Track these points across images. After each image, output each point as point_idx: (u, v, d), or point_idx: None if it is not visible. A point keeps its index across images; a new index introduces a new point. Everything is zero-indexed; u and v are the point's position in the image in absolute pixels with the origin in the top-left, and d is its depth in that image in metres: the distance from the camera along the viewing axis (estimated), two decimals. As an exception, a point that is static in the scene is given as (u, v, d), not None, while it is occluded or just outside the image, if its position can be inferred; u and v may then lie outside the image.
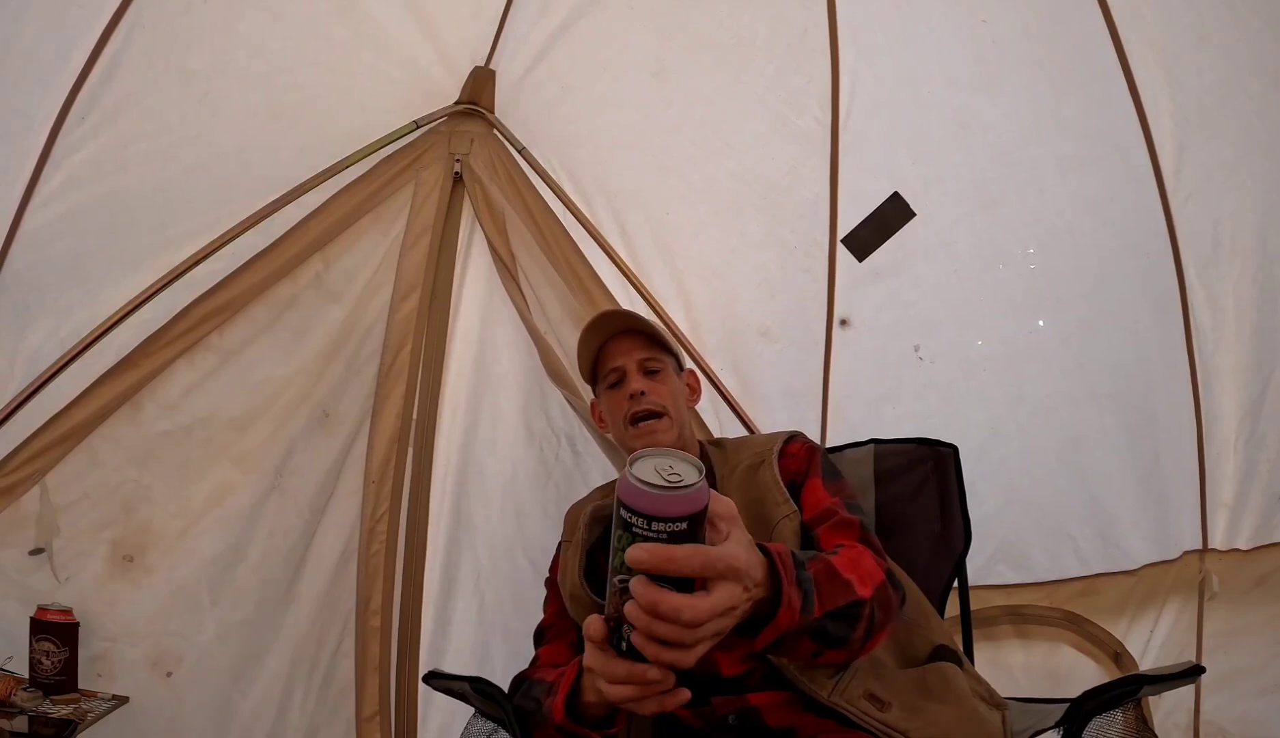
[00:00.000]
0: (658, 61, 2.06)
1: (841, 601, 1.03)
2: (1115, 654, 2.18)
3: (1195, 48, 2.00)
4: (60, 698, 1.77)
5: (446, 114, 2.05)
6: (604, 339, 1.56)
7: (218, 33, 1.85)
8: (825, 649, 1.01)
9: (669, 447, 1.49)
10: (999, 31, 2.01)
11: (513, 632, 2.08)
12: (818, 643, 1.00)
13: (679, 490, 0.71)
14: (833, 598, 1.01)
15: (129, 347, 1.88)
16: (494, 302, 2.13)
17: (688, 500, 0.72)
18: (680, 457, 0.75)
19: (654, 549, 0.72)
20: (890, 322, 2.16)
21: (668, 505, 0.71)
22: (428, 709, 2.13)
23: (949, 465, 1.74)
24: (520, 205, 2.06)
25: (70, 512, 1.89)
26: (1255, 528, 2.20)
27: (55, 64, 1.76)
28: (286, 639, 2.02)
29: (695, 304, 2.14)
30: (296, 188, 1.94)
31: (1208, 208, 2.09)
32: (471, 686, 1.36)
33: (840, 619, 1.02)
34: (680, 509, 0.72)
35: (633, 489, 0.72)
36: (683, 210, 2.13)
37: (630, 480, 0.72)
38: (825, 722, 1.22)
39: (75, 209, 1.84)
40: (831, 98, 2.07)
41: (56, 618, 1.80)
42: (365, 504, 2.05)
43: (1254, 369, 2.15)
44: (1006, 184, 2.10)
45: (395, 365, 2.05)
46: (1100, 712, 1.20)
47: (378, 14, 1.91)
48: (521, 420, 2.14)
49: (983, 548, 2.01)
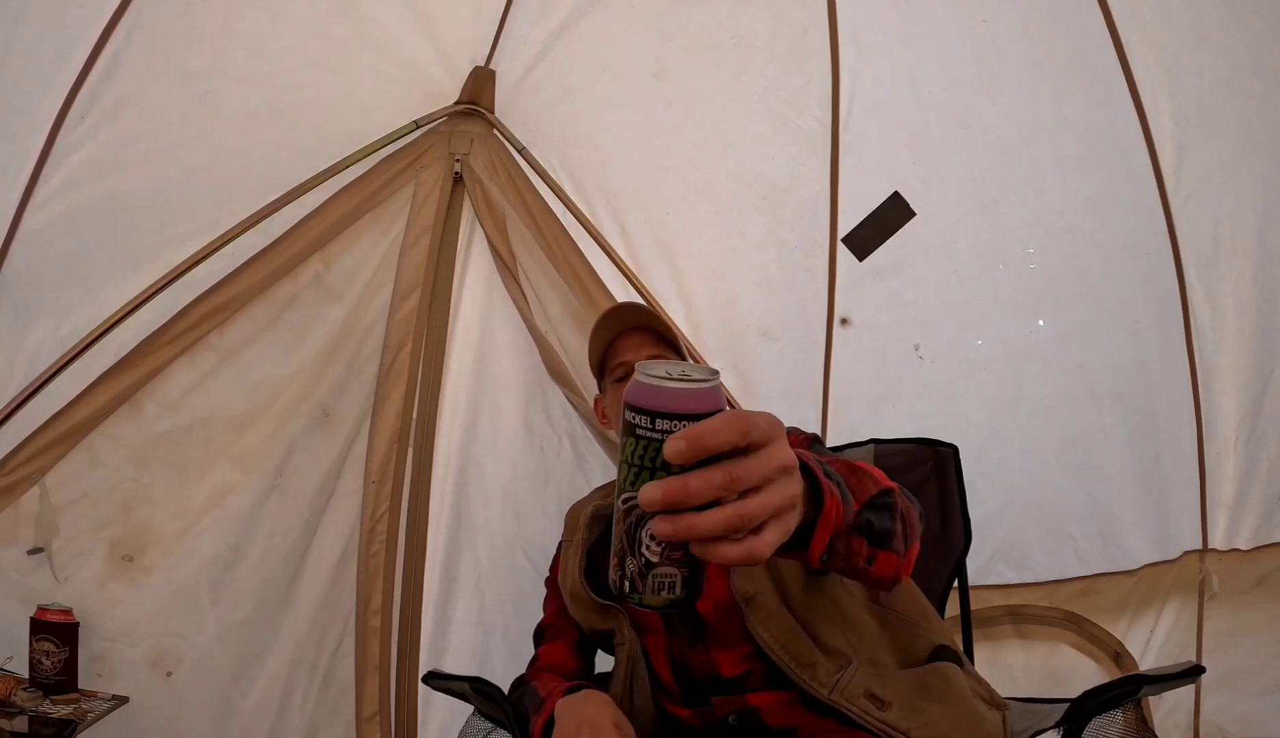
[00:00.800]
0: (658, 61, 2.06)
1: (873, 490, 0.98)
2: (1115, 654, 2.18)
3: (1195, 48, 2.00)
4: (60, 698, 1.77)
5: (446, 114, 2.05)
6: (615, 334, 1.56)
7: (218, 33, 1.85)
8: (876, 551, 0.95)
9: None
10: (999, 31, 2.01)
11: (513, 632, 2.08)
12: (869, 543, 0.93)
13: (694, 383, 0.61)
14: (864, 489, 0.96)
15: (129, 346, 1.88)
16: (494, 302, 2.13)
17: (703, 396, 0.61)
18: (694, 364, 0.65)
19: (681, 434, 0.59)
20: (890, 321, 2.16)
21: (682, 401, 0.60)
22: (428, 709, 2.13)
23: (949, 465, 1.74)
24: (520, 205, 2.06)
25: (70, 511, 1.89)
26: (1255, 528, 2.19)
27: (55, 64, 1.76)
28: (286, 639, 2.03)
29: (695, 304, 2.14)
30: (296, 188, 1.94)
31: (1208, 208, 2.09)
32: (471, 686, 1.36)
33: (880, 510, 0.96)
34: (695, 405, 0.61)
35: (641, 387, 0.62)
36: (683, 210, 2.13)
37: (638, 379, 0.62)
38: (825, 722, 1.22)
39: (75, 209, 1.84)
40: (832, 98, 2.08)
41: (56, 618, 1.80)
42: (365, 504, 2.05)
43: (1254, 369, 2.15)
44: (1006, 184, 2.10)
45: (395, 365, 2.05)
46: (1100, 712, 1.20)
47: (378, 14, 1.91)
48: (522, 420, 2.14)
49: (983, 548, 2.01)
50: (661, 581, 0.64)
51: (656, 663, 1.39)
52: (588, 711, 1.22)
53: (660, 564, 0.64)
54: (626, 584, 0.65)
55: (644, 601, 0.65)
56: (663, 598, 0.65)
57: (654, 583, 0.64)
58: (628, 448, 0.62)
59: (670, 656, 1.38)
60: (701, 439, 0.59)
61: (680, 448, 0.59)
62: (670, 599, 0.65)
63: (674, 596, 0.65)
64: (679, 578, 0.64)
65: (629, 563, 0.64)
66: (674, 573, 0.64)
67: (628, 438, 0.62)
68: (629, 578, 0.65)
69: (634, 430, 0.61)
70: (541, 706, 1.29)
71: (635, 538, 0.63)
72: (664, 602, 0.65)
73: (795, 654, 1.24)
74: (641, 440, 0.61)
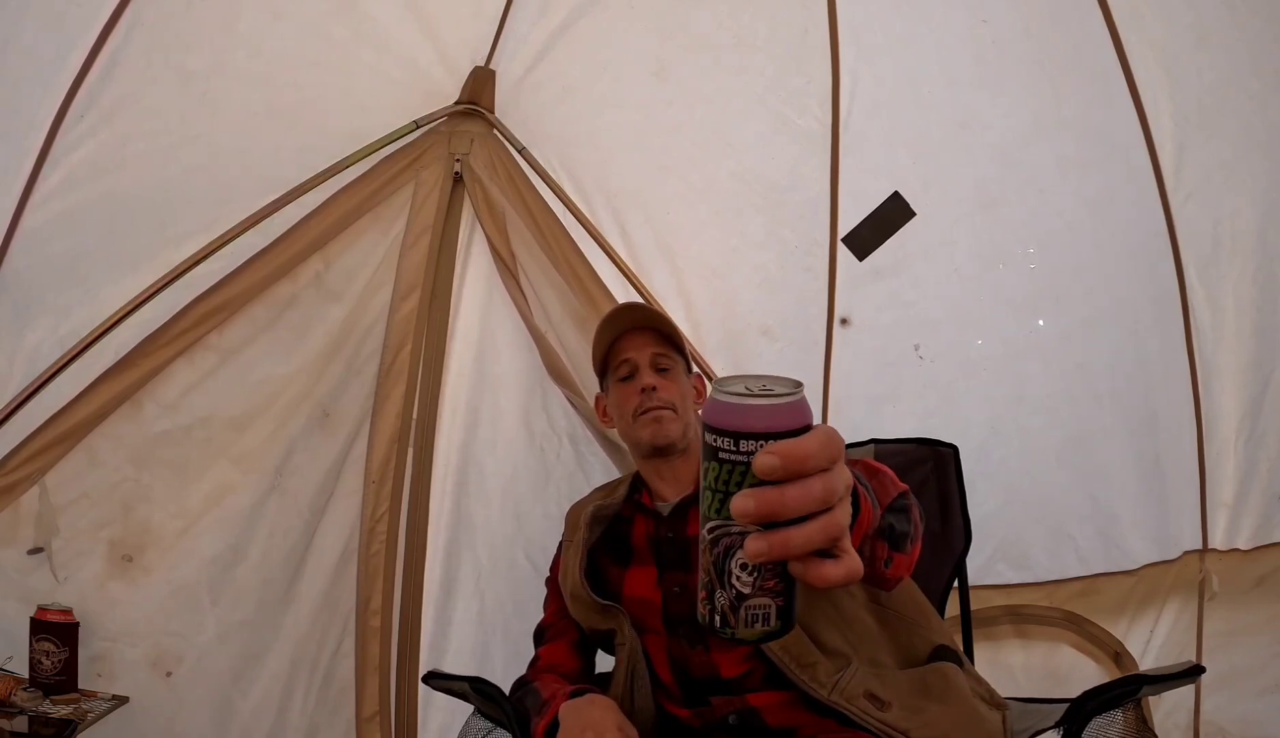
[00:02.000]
0: (658, 61, 2.06)
1: (893, 492, 0.97)
2: (1115, 654, 2.18)
3: (1195, 48, 2.00)
4: (60, 698, 1.77)
5: (446, 114, 2.05)
6: (619, 333, 1.56)
7: (217, 32, 1.85)
8: (893, 553, 0.95)
9: (674, 439, 1.49)
10: (999, 31, 2.01)
11: (513, 632, 2.07)
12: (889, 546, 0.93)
13: (782, 398, 0.57)
14: (885, 492, 0.95)
15: (129, 346, 1.88)
16: (494, 302, 2.13)
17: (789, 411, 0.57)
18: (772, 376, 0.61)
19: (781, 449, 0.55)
20: (890, 321, 2.16)
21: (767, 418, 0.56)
22: (428, 709, 2.13)
23: (949, 465, 1.74)
24: (520, 205, 2.06)
25: (69, 511, 1.89)
26: (1255, 528, 2.19)
27: (54, 63, 1.76)
28: (286, 639, 2.02)
29: (696, 304, 2.14)
30: (296, 188, 1.94)
31: (1208, 208, 2.09)
32: (471, 686, 1.36)
33: (899, 512, 0.97)
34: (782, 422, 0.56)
35: (720, 406, 0.57)
36: (683, 210, 2.13)
37: (718, 398, 0.58)
38: (825, 722, 1.22)
39: (74, 208, 1.84)
40: (832, 98, 2.07)
41: (56, 618, 1.80)
42: (365, 504, 2.05)
43: (1254, 368, 2.15)
44: (1006, 184, 2.10)
45: (395, 365, 2.05)
46: (1100, 712, 1.20)
47: (378, 14, 1.91)
48: (522, 420, 2.14)
49: (983, 548, 2.01)
50: (755, 613, 0.59)
51: (657, 663, 1.39)
52: (592, 714, 1.22)
53: (753, 595, 0.59)
54: (717, 619, 0.60)
55: (736, 635, 0.60)
56: (757, 631, 0.60)
57: (747, 615, 0.59)
58: (710, 473, 0.57)
59: (671, 656, 1.38)
60: (802, 460, 0.55)
61: (774, 464, 0.54)
62: (764, 632, 0.60)
63: (768, 628, 0.60)
64: (773, 609, 0.59)
65: (719, 596, 0.59)
66: (768, 604, 0.59)
67: (709, 462, 0.57)
68: (719, 612, 0.60)
69: (715, 454, 0.57)
70: (544, 707, 1.29)
71: (724, 569, 0.58)
72: (758, 635, 0.60)
73: (795, 655, 1.24)
74: (725, 464, 0.56)
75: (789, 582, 0.59)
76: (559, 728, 1.22)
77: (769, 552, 0.56)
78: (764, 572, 0.58)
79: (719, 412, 0.57)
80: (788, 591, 0.60)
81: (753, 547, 0.56)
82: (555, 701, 1.28)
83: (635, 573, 1.45)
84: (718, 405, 0.57)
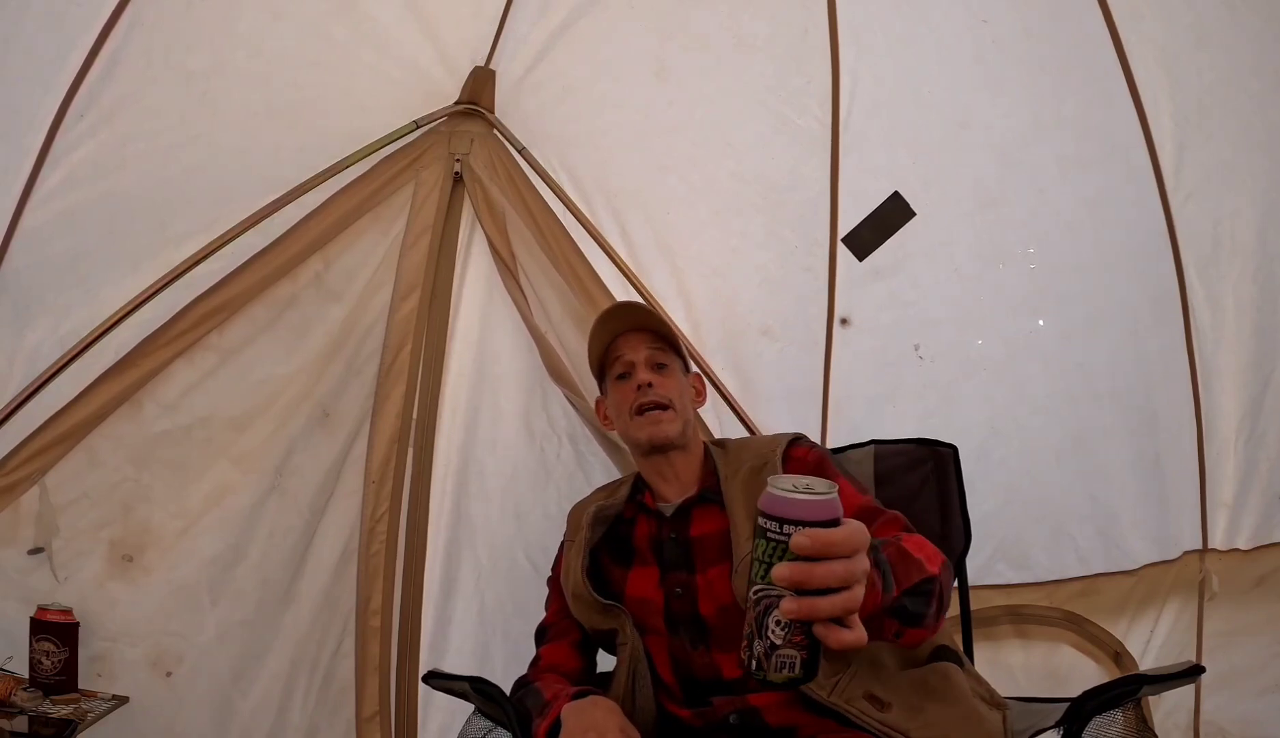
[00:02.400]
0: (658, 61, 2.06)
1: (916, 578, 1.07)
2: (1115, 654, 2.18)
3: (1195, 47, 2.00)
4: (60, 698, 1.77)
5: (446, 114, 2.05)
6: (615, 333, 1.56)
7: (217, 32, 1.85)
8: (905, 628, 1.05)
9: (673, 437, 1.49)
10: (999, 31, 2.01)
11: (513, 632, 2.07)
12: (899, 622, 1.04)
13: (819, 495, 0.75)
14: (908, 576, 1.06)
15: (129, 346, 1.88)
16: (494, 302, 2.13)
17: (823, 506, 0.75)
18: (815, 478, 0.79)
19: (813, 534, 0.73)
20: (890, 321, 2.16)
21: (806, 510, 0.74)
22: (428, 709, 2.13)
23: (949, 465, 1.74)
24: (520, 205, 2.06)
25: (69, 511, 1.89)
26: (1255, 528, 2.19)
27: (54, 62, 1.76)
28: (286, 639, 2.02)
29: (695, 304, 2.14)
30: (296, 188, 1.94)
31: (1208, 207, 2.09)
32: (471, 685, 1.36)
33: (917, 596, 1.06)
34: (816, 514, 0.74)
35: (771, 498, 0.75)
36: (683, 210, 2.13)
37: (771, 492, 0.75)
38: (825, 722, 1.22)
39: (74, 208, 1.84)
40: (832, 98, 2.07)
41: (56, 618, 1.80)
42: (365, 504, 2.05)
43: (1254, 368, 2.15)
44: (1006, 184, 2.10)
45: (395, 365, 2.05)
46: (1100, 712, 1.20)
47: (378, 14, 1.91)
48: (522, 420, 2.14)
49: (983, 548, 2.01)
50: (783, 660, 0.75)
51: (658, 663, 1.39)
52: (595, 716, 1.23)
53: (783, 647, 0.75)
54: (754, 663, 0.76)
55: (767, 678, 0.76)
56: (784, 676, 0.76)
57: (777, 662, 0.75)
58: (759, 548, 0.75)
59: (673, 656, 1.38)
60: (829, 545, 0.74)
61: (806, 544, 0.73)
62: (790, 677, 0.76)
63: (793, 675, 0.76)
64: (799, 659, 0.76)
65: (756, 645, 0.76)
66: (794, 655, 0.75)
67: (759, 539, 0.75)
68: (756, 657, 0.76)
69: (765, 533, 0.74)
70: (546, 708, 1.29)
71: (763, 624, 0.75)
72: (784, 680, 0.76)
73: (795, 656, 1.24)
74: (771, 542, 0.74)
75: (813, 640, 0.76)
76: (561, 729, 1.22)
77: (798, 611, 0.73)
78: (793, 629, 0.75)
79: (771, 502, 0.75)
80: (811, 647, 0.76)
81: (788, 605, 0.74)
82: (557, 701, 1.28)
83: (638, 574, 1.45)
84: (771, 497, 0.75)
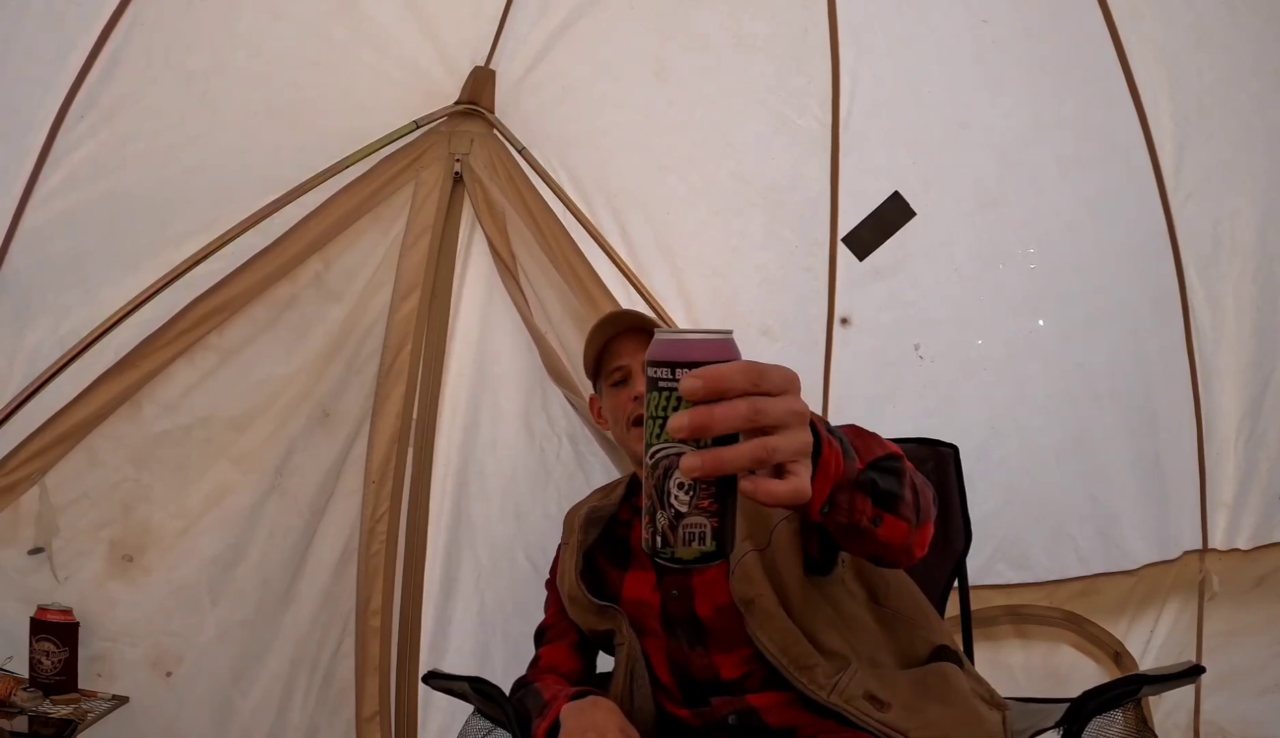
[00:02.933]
0: (658, 61, 2.06)
1: (879, 451, 0.98)
2: (1115, 654, 2.18)
3: (1195, 47, 2.00)
4: (60, 698, 1.77)
5: (446, 114, 2.05)
6: (610, 336, 1.56)
7: (217, 32, 1.85)
8: (883, 512, 0.93)
9: None
10: (999, 31, 2.01)
11: (513, 632, 2.08)
12: (875, 503, 0.92)
13: (713, 335, 0.64)
14: (869, 450, 0.96)
15: (129, 346, 1.88)
16: (494, 302, 2.13)
17: (718, 346, 0.64)
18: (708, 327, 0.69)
19: (703, 370, 0.61)
20: (890, 321, 2.16)
21: (698, 350, 0.63)
22: (428, 709, 2.13)
23: (949, 465, 1.74)
24: (520, 205, 2.06)
25: (69, 511, 1.89)
26: (1255, 528, 2.19)
27: (55, 63, 1.76)
28: (286, 639, 2.02)
29: (695, 304, 2.14)
30: (296, 188, 1.94)
31: (1208, 207, 2.09)
32: (471, 686, 1.36)
33: (885, 472, 0.95)
34: (711, 354, 0.63)
35: (660, 343, 0.64)
36: (683, 210, 2.13)
37: (657, 337, 0.65)
38: (825, 722, 1.22)
39: (75, 208, 1.84)
40: (832, 98, 2.07)
41: (56, 618, 1.80)
42: (365, 504, 2.05)
43: (1254, 368, 2.15)
44: (1006, 184, 2.10)
45: (395, 365, 2.05)
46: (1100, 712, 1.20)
47: (378, 14, 1.91)
48: (522, 420, 2.14)
49: (983, 548, 2.01)
50: (691, 532, 0.64)
51: (656, 664, 1.39)
52: (595, 716, 1.23)
53: (690, 514, 0.63)
54: (658, 540, 0.64)
55: (675, 555, 0.64)
56: (694, 550, 0.64)
57: (684, 534, 0.64)
58: (651, 403, 0.63)
59: (670, 658, 1.38)
60: (718, 378, 0.60)
61: (696, 386, 0.60)
62: (701, 552, 0.64)
63: (704, 547, 0.64)
64: (708, 528, 0.64)
65: (659, 517, 0.64)
66: (704, 523, 0.64)
67: (650, 393, 0.63)
68: (660, 532, 0.64)
69: (656, 385, 0.63)
70: (546, 709, 1.30)
71: (664, 490, 0.63)
72: (695, 554, 0.64)
73: (793, 657, 1.24)
74: (663, 392, 0.62)
75: (724, 503, 0.64)
76: (561, 729, 1.22)
77: (702, 467, 0.60)
78: (699, 491, 0.63)
79: (657, 347, 0.64)
80: (723, 512, 0.64)
81: (687, 462, 0.60)
82: (557, 702, 1.29)
83: (634, 576, 1.45)
84: (657, 342, 0.64)
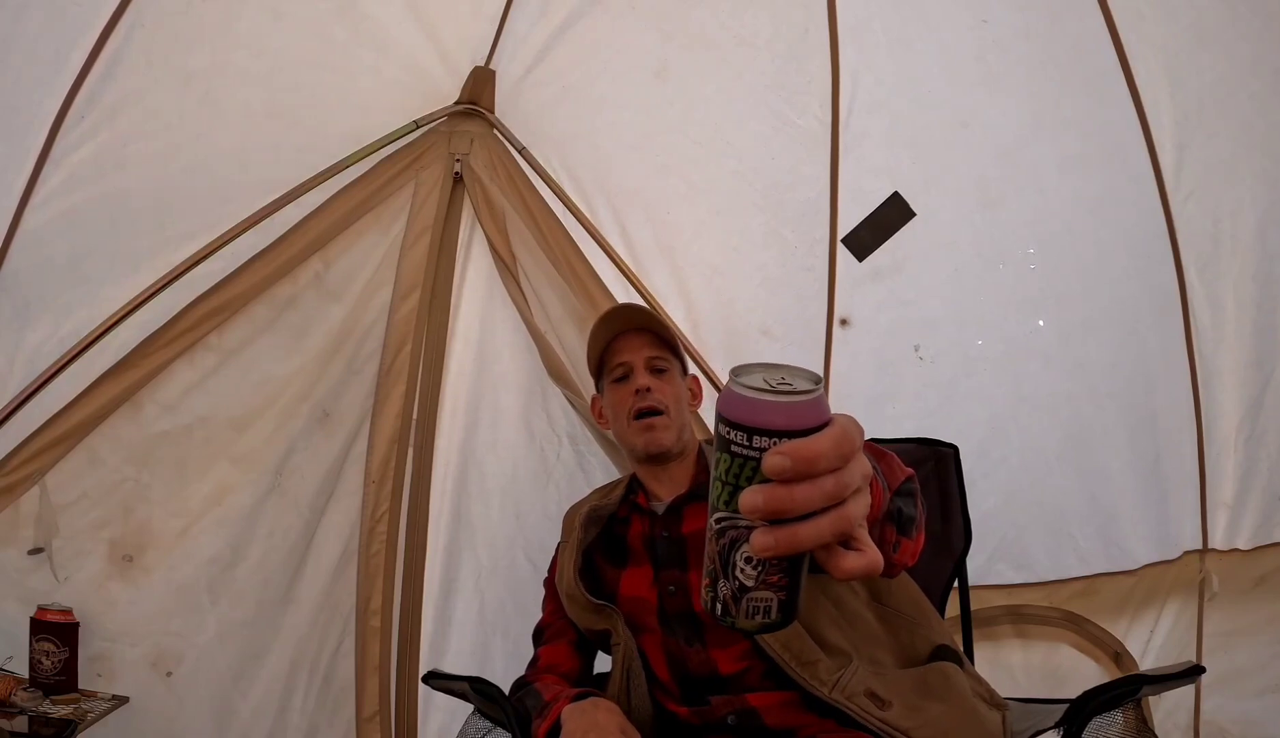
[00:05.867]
0: (659, 61, 2.06)
1: (900, 476, 0.95)
2: (1115, 654, 2.18)
3: (1196, 47, 2.00)
4: (60, 698, 1.77)
5: (446, 114, 2.05)
6: (614, 334, 1.56)
7: (217, 32, 1.85)
8: (901, 538, 0.92)
9: (668, 447, 1.49)
10: (999, 31, 2.01)
11: (513, 632, 2.08)
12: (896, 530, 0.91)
13: (801, 395, 0.55)
14: (893, 475, 0.93)
15: (129, 346, 1.88)
16: (494, 302, 2.13)
17: (805, 409, 0.55)
18: (792, 368, 0.59)
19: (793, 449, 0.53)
20: (890, 321, 2.16)
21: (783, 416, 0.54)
22: (428, 709, 2.13)
23: (949, 465, 1.74)
24: (520, 205, 2.06)
25: (69, 511, 1.89)
26: (1255, 528, 2.19)
27: (55, 63, 1.76)
28: (286, 639, 2.03)
29: (696, 303, 2.14)
30: (296, 188, 1.94)
31: (1208, 207, 2.09)
32: (471, 686, 1.36)
33: (907, 497, 0.95)
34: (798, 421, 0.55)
35: (737, 400, 0.55)
36: (683, 210, 2.13)
37: (735, 391, 0.56)
38: (825, 722, 1.22)
39: (75, 208, 1.84)
40: (832, 97, 2.07)
41: (56, 618, 1.80)
42: (365, 504, 2.05)
43: (1254, 368, 2.15)
44: (1006, 184, 2.10)
45: (395, 365, 2.05)
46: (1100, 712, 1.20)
47: (378, 14, 1.91)
48: (522, 420, 2.14)
49: (983, 548, 2.01)
50: (756, 605, 0.59)
51: (654, 662, 1.39)
52: (596, 717, 1.23)
53: (756, 589, 0.58)
54: (719, 607, 0.60)
55: (736, 624, 0.60)
56: (756, 622, 0.60)
57: (749, 608, 0.59)
58: (721, 465, 0.56)
59: (668, 654, 1.38)
60: (809, 462, 0.53)
61: (784, 466, 0.53)
62: (764, 624, 0.60)
63: (768, 620, 0.60)
64: (775, 602, 0.59)
65: (721, 586, 0.59)
66: (770, 597, 0.59)
67: (721, 454, 0.56)
68: (721, 600, 0.59)
69: (729, 447, 0.56)
70: (546, 709, 1.30)
71: (729, 561, 0.58)
72: (757, 626, 0.60)
73: (795, 652, 1.24)
74: (737, 458, 0.55)
75: (793, 577, 0.59)
76: (562, 730, 1.22)
77: (775, 548, 0.55)
78: (768, 566, 0.57)
79: (734, 404, 0.55)
80: (791, 585, 0.59)
81: (759, 542, 0.55)
82: (558, 703, 1.29)
83: (631, 573, 1.45)
84: (733, 398, 0.56)
